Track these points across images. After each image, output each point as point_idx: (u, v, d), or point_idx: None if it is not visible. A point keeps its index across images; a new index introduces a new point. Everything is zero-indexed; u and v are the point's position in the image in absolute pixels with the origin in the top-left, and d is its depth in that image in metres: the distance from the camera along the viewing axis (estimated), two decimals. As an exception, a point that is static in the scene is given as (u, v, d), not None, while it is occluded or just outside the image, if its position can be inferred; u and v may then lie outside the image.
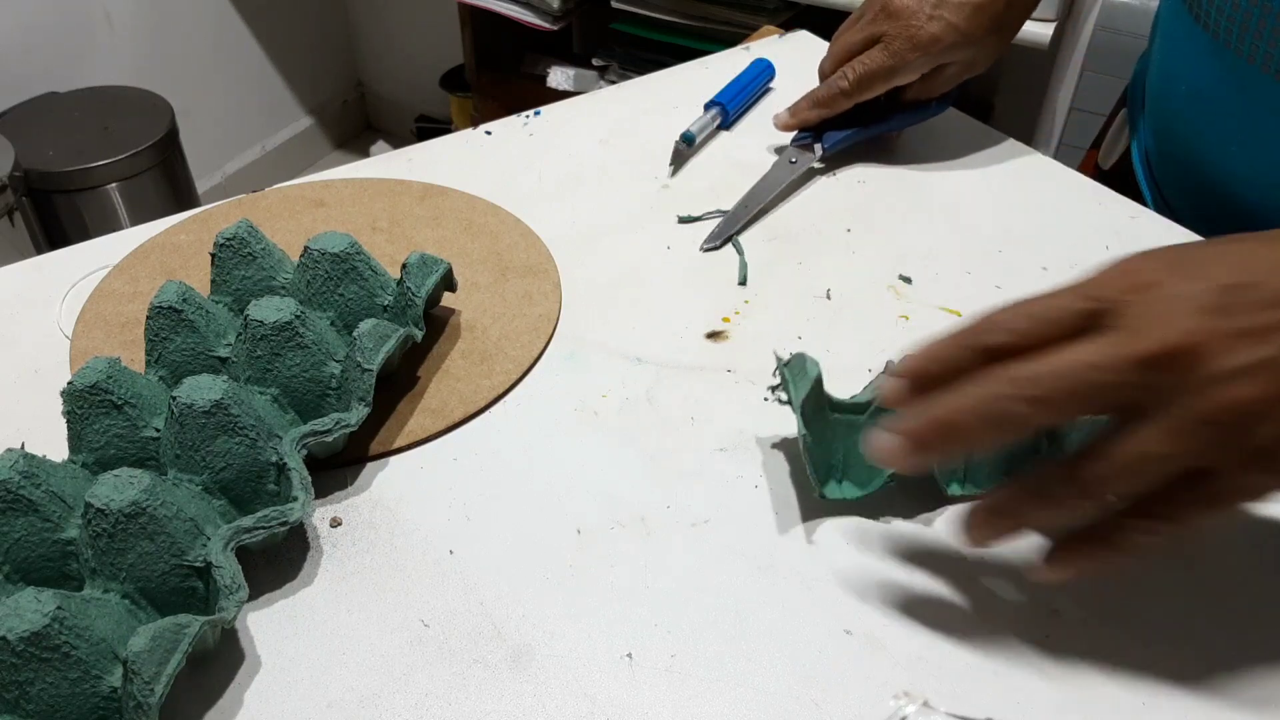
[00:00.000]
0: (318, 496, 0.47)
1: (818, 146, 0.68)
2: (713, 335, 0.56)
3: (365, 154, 2.44)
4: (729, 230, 0.63)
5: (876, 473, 0.45)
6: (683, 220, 0.65)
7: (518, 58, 1.91)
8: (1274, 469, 0.34)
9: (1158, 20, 0.70)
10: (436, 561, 0.44)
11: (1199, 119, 0.63)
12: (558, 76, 1.83)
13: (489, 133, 0.74)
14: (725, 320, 0.57)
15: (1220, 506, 0.35)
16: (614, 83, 0.91)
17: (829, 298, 0.58)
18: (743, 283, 0.60)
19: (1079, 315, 0.35)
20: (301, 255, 0.52)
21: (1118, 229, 0.63)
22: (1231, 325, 0.33)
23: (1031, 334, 0.35)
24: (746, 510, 0.47)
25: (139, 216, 1.55)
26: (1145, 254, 0.36)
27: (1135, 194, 0.67)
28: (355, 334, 0.48)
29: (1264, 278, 0.34)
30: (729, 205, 0.65)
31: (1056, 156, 0.70)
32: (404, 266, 0.52)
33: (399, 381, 0.53)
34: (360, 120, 2.53)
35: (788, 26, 0.89)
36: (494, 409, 0.52)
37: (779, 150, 0.70)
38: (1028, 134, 1.64)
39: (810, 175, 0.69)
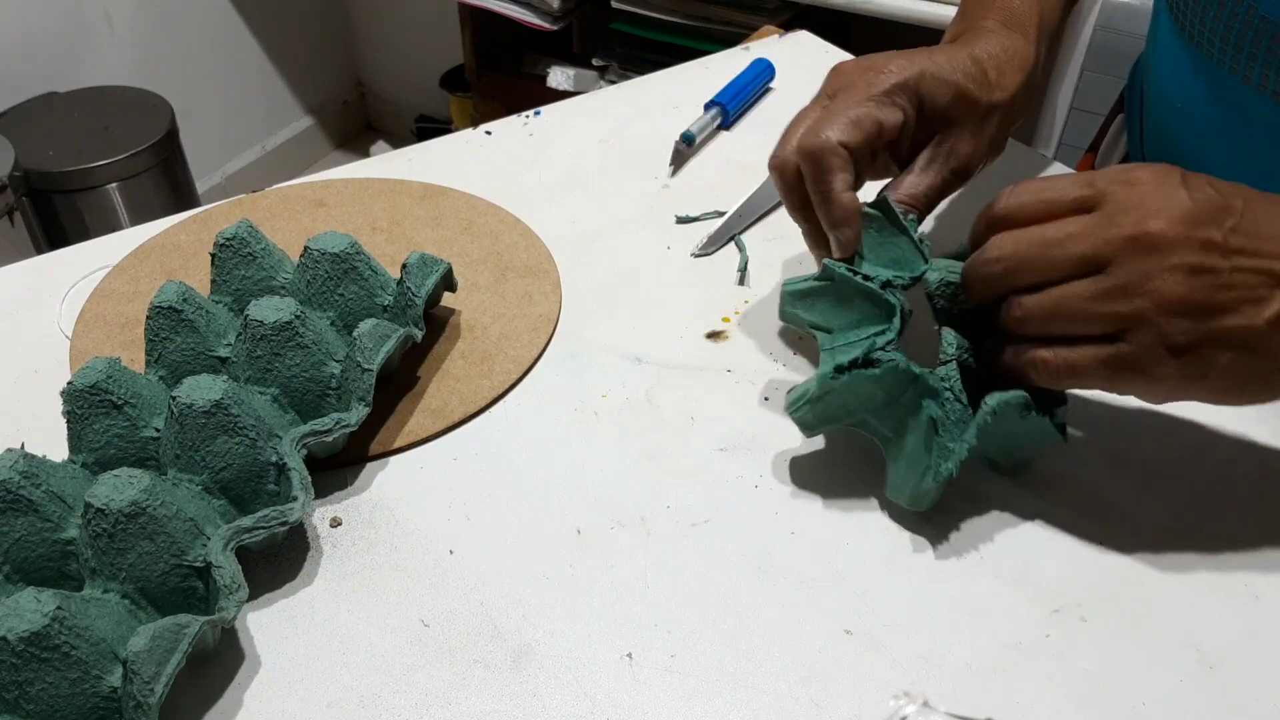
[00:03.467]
0: (318, 496, 0.47)
1: None
2: (712, 335, 0.56)
3: (365, 154, 2.44)
4: (722, 238, 0.63)
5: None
6: (681, 220, 0.65)
7: (518, 58, 1.91)
8: (1175, 361, 0.38)
9: (1152, 38, 0.70)
10: (436, 561, 0.44)
11: (1194, 134, 0.64)
12: (558, 76, 1.82)
13: (489, 133, 0.74)
14: (725, 320, 0.57)
15: (1117, 375, 0.40)
16: (614, 83, 0.91)
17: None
18: (742, 282, 0.60)
19: (1074, 200, 0.41)
20: (301, 255, 0.52)
21: (1118, 229, 0.63)
22: (1194, 234, 0.38)
23: (1037, 211, 0.41)
24: (746, 510, 0.47)
25: (139, 216, 1.54)
26: (1151, 164, 0.41)
27: None
28: (355, 334, 0.48)
29: (1240, 208, 0.39)
30: (728, 206, 0.65)
31: (1056, 156, 0.70)
32: (404, 266, 0.52)
33: (399, 381, 0.52)
34: (360, 120, 2.52)
35: (788, 26, 0.89)
36: (494, 409, 0.52)
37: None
38: (1028, 134, 1.63)
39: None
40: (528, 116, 0.76)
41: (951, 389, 0.44)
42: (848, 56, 0.83)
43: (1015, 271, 0.41)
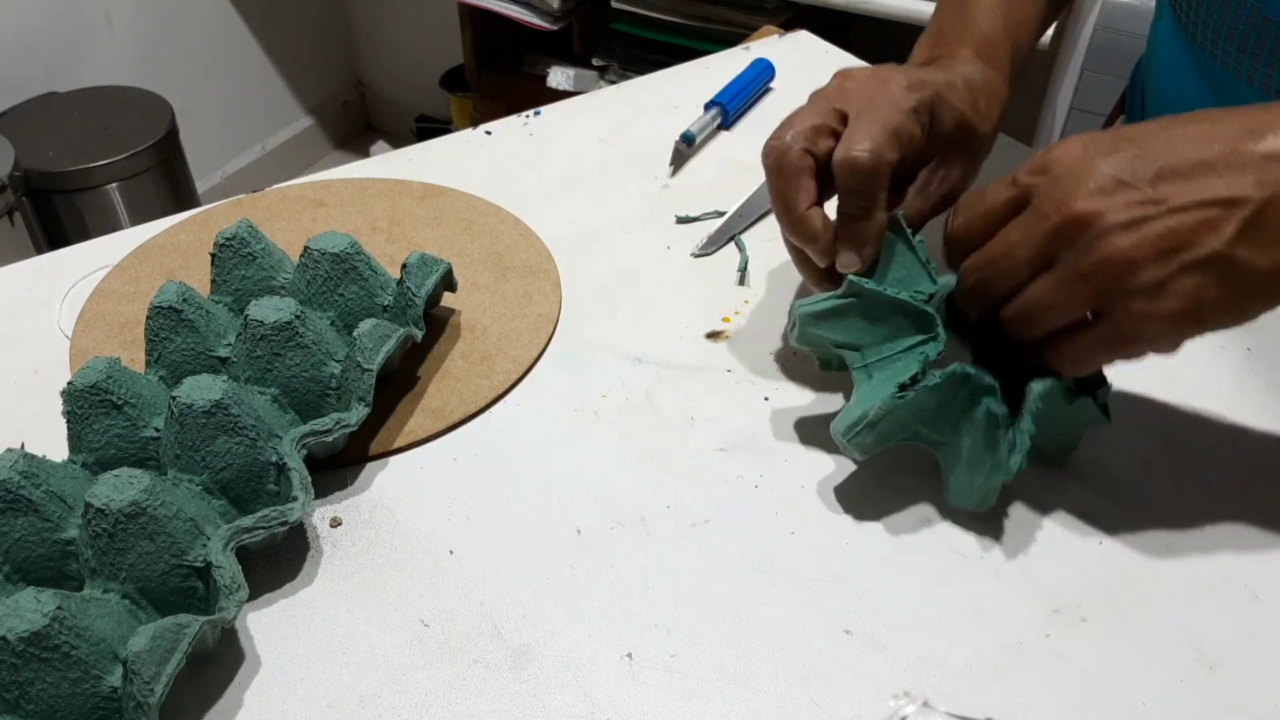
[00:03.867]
0: (318, 496, 0.47)
1: None
2: (712, 335, 0.56)
3: (365, 154, 2.44)
4: (722, 238, 0.63)
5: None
6: (681, 220, 0.65)
7: (518, 58, 1.91)
8: (1157, 311, 0.39)
9: (1154, 38, 0.70)
10: (436, 561, 0.44)
11: None
12: (558, 76, 1.82)
13: (489, 133, 0.74)
14: (725, 320, 0.57)
15: (1117, 347, 0.40)
16: (614, 83, 0.91)
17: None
18: (742, 282, 0.60)
19: (1006, 203, 0.42)
20: (301, 255, 0.52)
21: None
22: (1115, 197, 0.39)
23: (981, 227, 0.43)
24: (746, 510, 0.47)
25: (139, 216, 1.54)
26: (1060, 141, 0.42)
27: None
28: (355, 334, 0.48)
29: (1159, 151, 0.39)
30: (728, 206, 0.65)
31: (1056, 156, 0.70)
32: (404, 266, 0.52)
33: (399, 381, 0.52)
34: (360, 120, 2.52)
35: (788, 26, 0.89)
36: (494, 409, 0.52)
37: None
38: (1028, 134, 1.63)
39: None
40: (528, 116, 0.76)
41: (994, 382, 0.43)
42: (848, 56, 0.83)
43: (985, 291, 0.43)
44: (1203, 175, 0.38)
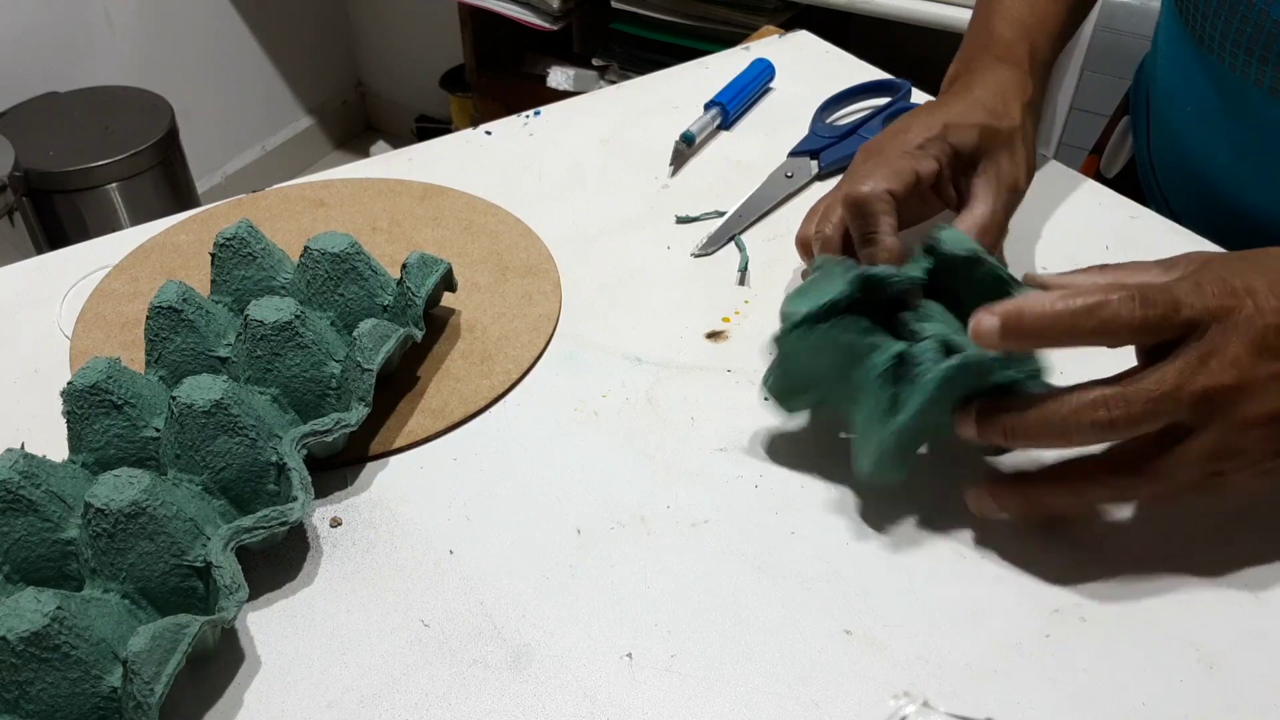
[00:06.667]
0: (318, 496, 0.47)
1: (814, 163, 0.68)
2: (712, 335, 0.56)
3: (365, 154, 2.44)
4: (722, 238, 0.63)
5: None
6: (681, 220, 0.65)
7: (518, 58, 1.91)
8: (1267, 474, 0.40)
9: (1158, 36, 0.70)
10: (436, 561, 0.44)
11: (1203, 136, 0.64)
12: (558, 76, 1.82)
13: (489, 133, 0.74)
14: (725, 320, 0.57)
15: (1230, 488, 0.41)
16: (614, 83, 0.91)
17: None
18: (742, 282, 0.60)
19: (1155, 330, 0.39)
20: (301, 255, 0.52)
21: (1117, 229, 0.63)
22: (1269, 369, 0.38)
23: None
24: (746, 510, 0.47)
25: (139, 216, 1.54)
26: (1225, 264, 0.40)
27: (1140, 201, 0.67)
28: (355, 334, 0.48)
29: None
30: (728, 206, 0.65)
31: (1056, 157, 0.70)
32: (404, 266, 0.52)
33: (399, 381, 0.53)
34: (360, 120, 2.53)
35: (788, 26, 0.89)
36: (494, 409, 0.52)
37: (785, 158, 0.70)
38: (1028, 134, 1.63)
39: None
40: (528, 116, 0.76)
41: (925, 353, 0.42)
42: (848, 56, 0.83)
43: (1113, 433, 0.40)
44: None
